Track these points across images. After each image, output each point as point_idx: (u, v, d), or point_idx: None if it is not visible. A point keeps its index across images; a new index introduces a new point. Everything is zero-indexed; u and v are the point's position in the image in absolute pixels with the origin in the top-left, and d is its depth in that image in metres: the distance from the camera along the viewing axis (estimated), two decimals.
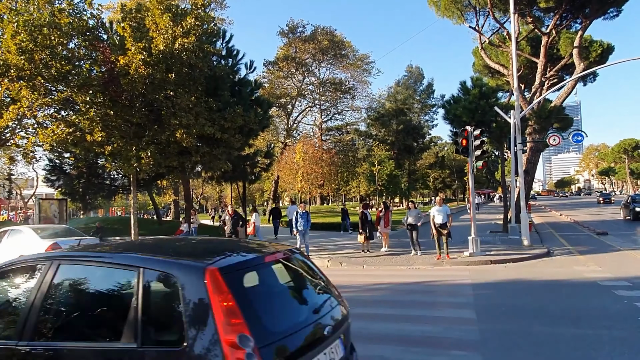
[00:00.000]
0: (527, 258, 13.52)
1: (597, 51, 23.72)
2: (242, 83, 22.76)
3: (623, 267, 11.44)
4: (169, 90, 15.91)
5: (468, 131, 14.58)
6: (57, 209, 22.30)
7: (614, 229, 21.27)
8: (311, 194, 43.91)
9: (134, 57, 14.51)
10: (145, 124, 16.23)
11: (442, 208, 13.73)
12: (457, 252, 14.79)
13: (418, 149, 62.28)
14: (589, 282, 9.73)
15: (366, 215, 15.85)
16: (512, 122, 17.42)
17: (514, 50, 17.69)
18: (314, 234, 20.14)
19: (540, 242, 17.05)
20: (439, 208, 13.73)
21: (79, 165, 22.82)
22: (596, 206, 51.05)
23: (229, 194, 38.77)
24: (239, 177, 25.06)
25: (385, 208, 16.44)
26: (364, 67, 54.00)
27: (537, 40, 24.53)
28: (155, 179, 25.05)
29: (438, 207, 13.80)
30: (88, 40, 14.90)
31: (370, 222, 15.93)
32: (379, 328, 6.74)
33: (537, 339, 5.94)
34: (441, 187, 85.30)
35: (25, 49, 13.53)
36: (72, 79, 14.57)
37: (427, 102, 63.99)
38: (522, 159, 17.50)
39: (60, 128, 14.64)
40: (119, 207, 58.95)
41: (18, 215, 51.06)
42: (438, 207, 13.80)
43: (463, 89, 21.57)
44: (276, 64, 49.40)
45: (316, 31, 49.04)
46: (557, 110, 23.80)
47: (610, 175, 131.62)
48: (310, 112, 56.44)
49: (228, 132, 17.65)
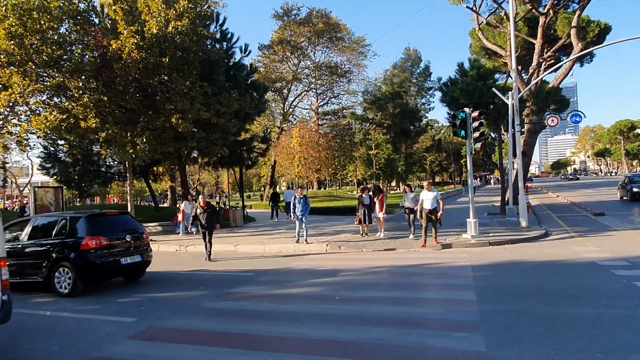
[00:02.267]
0: (525, 239, 13.55)
1: (595, 31, 23.48)
2: (237, 67, 22.49)
3: (621, 247, 11.48)
4: (163, 74, 15.70)
5: (466, 113, 14.47)
6: (53, 197, 22.09)
7: (610, 210, 21.34)
8: (308, 178, 43.84)
9: (126, 41, 14.28)
10: (140, 110, 16.05)
11: (431, 193, 13.03)
12: (455, 234, 14.82)
13: (415, 132, 62.10)
14: (588, 262, 9.75)
15: (363, 199, 15.60)
16: (509, 104, 17.31)
17: (512, 30, 17.49)
18: (312, 218, 20.13)
19: (537, 224, 17.09)
20: (428, 193, 13.05)
21: (74, 152, 22.64)
22: (596, 187, 51.19)
23: (226, 180, 38.66)
24: (235, 163, 24.94)
25: (379, 191, 16.03)
26: (360, 50, 53.60)
27: (534, 21, 24.26)
28: (152, 165, 24.90)
29: (427, 192, 13.12)
30: (79, 24, 14.64)
31: (367, 207, 15.55)
32: (379, 311, 6.74)
33: (537, 318, 5.94)
34: (438, 170, 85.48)
35: (14, 33, 13.29)
36: (64, 65, 14.36)
37: (424, 85, 63.62)
38: (519, 140, 17.44)
39: (53, 114, 14.47)
40: (115, 194, 58.69)
41: (14, 203, 50.80)
42: (427, 192, 13.12)
43: (460, 70, 21.38)
44: (271, 48, 48.91)
45: (311, 14, 48.50)
46: (554, 91, 23.64)
47: (606, 157, 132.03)
48: (306, 97, 56.15)
49: (224, 116, 17.48)
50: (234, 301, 7.92)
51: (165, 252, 15.31)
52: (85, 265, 8.69)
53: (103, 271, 9.11)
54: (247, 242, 15.95)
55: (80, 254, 8.69)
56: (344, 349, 5.22)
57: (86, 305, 8.06)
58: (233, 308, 7.43)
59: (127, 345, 5.65)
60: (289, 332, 5.87)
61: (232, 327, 6.27)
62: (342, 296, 7.77)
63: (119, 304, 8.05)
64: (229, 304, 7.75)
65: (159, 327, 6.43)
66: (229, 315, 6.99)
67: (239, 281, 9.62)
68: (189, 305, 7.68)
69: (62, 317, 7.29)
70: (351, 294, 7.93)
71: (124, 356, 5.28)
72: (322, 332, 5.84)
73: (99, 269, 8.92)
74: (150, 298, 8.44)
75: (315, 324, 6.18)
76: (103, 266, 8.93)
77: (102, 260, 8.88)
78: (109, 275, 9.61)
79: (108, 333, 6.21)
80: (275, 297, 8.17)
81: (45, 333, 6.44)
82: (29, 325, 6.85)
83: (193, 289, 9.14)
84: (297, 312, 7.00)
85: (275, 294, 8.43)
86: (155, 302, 8.11)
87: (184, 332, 6.19)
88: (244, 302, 7.77)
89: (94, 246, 8.76)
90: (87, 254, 8.70)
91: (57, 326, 6.82)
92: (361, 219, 15.50)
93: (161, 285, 9.70)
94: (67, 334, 6.28)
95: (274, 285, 9.19)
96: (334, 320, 6.38)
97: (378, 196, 15.62)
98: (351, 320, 6.32)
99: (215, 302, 7.83)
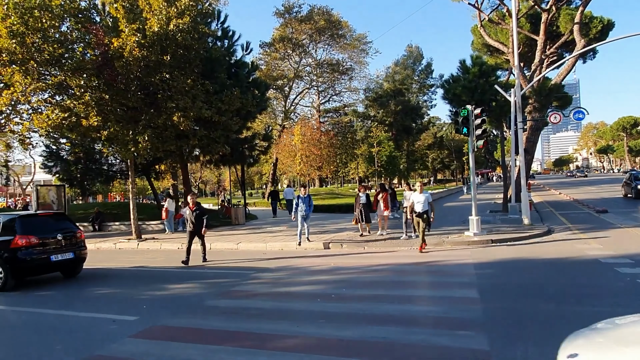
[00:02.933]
0: (528, 237, 13.51)
1: (598, 27, 23.39)
2: (239, 65, 22.43)
3: (624, 244, 11.43)
4: (165, 72, 15.67)
5: (468, 110, 14.41)
6: (55, 195, 22.16)
7: (614, 207, 21.25)
8: (310, 176, 43.79)
9: (128, 39, 14.26)
10: (142, 108, 16.04)
11: (422, 195, 12.30)
12: (457, 232, 14.78)
13: (417, 130, 62.00)
14: (591, 260, 9.71)
15: (360, 197, 15.28)
16: (512, 101, 17.24)
17: (514, 27, 17.41)
18: (314, 216, 20.04)
19: (540, 221, 17.04)
20: (420, 195, 12.31)
21: (76, 150, 22.64)
22: (598, 184, 51.06)
23: (228, 178, 38.64)
24: (237, 161, 24.89)
25: (383, 190, 15.70)
26: (362, 47, 53.38)
27: (536, 17, 24.17)
28: (153, 163, 24.90)
29: (419, 194, 12.36)
30: (80, 22, 14.61)
31: (364, 205, 15.15)
32: (381, 309, 6.71)
33: (540, 317, 5.91)
34: (440, 167, 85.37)
35: (16, 32, 13.27)
36: (65, 63, 14.35)
37: (426, 82, 63.41)
38: (522, 137, 17.37)
39: (55, 113, 14.47)
40: (117, 192, 58.73)
41: (17, 202, 50.90)
42: (419, 194, 12.36)
43: (462, 67, 21.31)
44: (272, 46, 48.78)
45: (312, 11, 48.33)
46: (557, 88, 23.56)
47: (608, 153, 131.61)
48: (307, 94, 56.04)
49: (225, 114, 17.45)
50: (236, 299, 7.91)
51: (168, 250, 15.32)
52: (15, 262, 9.41)
53: (33, 268, 9.75)
54: (249, 239, 15.95)
55: (10, 252, 9.43)
56: (347, 347, 5.20)
57: (87, 304, 8.07)
58: (235, 306, 7.42)
59: (129, 344, 5.65)
60: (291, 331, 5.85)
61: (234, 326, 6.25)
62: (344, 294, 7.75)
63: (120, 302, 8.05)
64: (231, 302, 7.74)
65: (160, 325, 6.43)
66: (230, 314, 6.98)
67: (240, 279, 9.60)
68: (190, 303, 7.67)
69: (63, 315, 7.29)
70: (353, 292, 7.91)
71: (126, 355, 5.27)
72: (324, 330, 5.82)
73: (29, 265, 9.57)
74: (151, 296, 8.44)
75: (317, 323, 6.16)
76: (33, 263, 9.59)
77: (31, 258, 9.55)
78: (39, 272, 10.13)
79: (110, 331, 6.21)
80: (277, 295, 8.15)
81: (46, 331, 6.44)
82: (29, 322, 6.86)
83: (195, 287, 9.14)
84: (299, 310, 6.98)
85: (277, 292, 8.41)
86: (157, 300, 8.10)
87: (185, 330, 6.18)
88: (246, 300, 7.75)
89: (23, 244, 9.50)
90: (17, 252, 9.44)
91: (59, 325, 6.81)
92: (357, 218, 15.28)
93: (162, 282, 9.69)
94: (69, 332, 6.28)
95: (275, 283, 9.17)
96: (337, 318, 6.36)
97: (382, 194, 15.29)
98: (354, 319, 6.29)
99: (217, 300, 7.82)
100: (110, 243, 17.30)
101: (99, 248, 16.72)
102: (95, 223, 22.99)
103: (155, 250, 15.63)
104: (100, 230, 22.87)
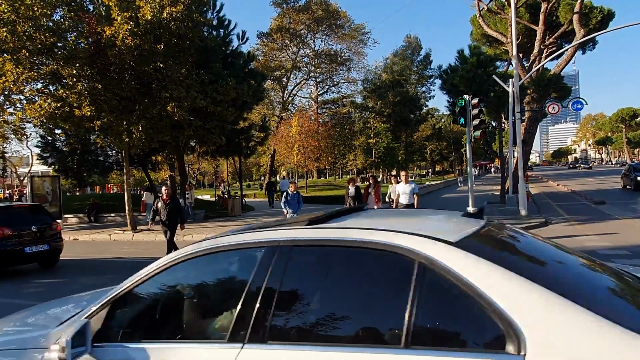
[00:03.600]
0: (524, 228, 13.37)
1: (597, 17, 23.16)
2: (235, 55, 22.21)
3: (622, 236, 11.36)
4: (159, 62, 15.48)
5: (466, 100, 14.27)
6: (50, 186, 22.03)
7: (611, 199, 21.20)
8: (308, 167, 43.70)
9: (120, 28, 14.05)
10: (135, 98, 15.85)
11: (408, 186, 11.71)
12: None
13: (415, 121, 61.73)
14: (588, 251, 9.61)
15: (349, 190, 14.87)
16: (510, 91, 17.09)
17: (513, 16, 17.20)
18: (310, 207, 20.02)
19: (537, 212, 16.98)
20: (405, 186, 11.68)
21: (71, 141, 22.49)
22: (597, 176, 51.06)
23: (225, 169, 38.49)
24: (233, 152, 24.76)
25: (375, 182, 14.83)
26: (360, 37, 52.99)
27: (536, 7, 23.93)
28: (150, 154, 24.74)
29: (404, 184, 11.73)
30: (73, 10, 14.39)
31: (352, 198, 14.57)
32: None
33: None
34: (438, 159, 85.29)
35: (7, 20, 13.06)
36: (57, 52, 14.15)
37: (425, 73, 63.02)
38: (520, 128, 17.25)
39: (48, 103, 14.30)
40: (115, 183, 58.61)
41: (14, 193, 50.81)
42: (404, 184, 11.73)
43: (460, 57, 21.14)
44: (270, 36, 48.40)
45: (310, 1, 47.90)
46: (556, 78, 23.39)
47: (607, 145, 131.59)
48: (305, 85, 55.71)
49: (221, 105, 17.28)
50: None
51: (163, 241, 15.10)
52: None
53: (6, 258, 9.79)
54: None
55: None
56: None
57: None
58: None
59: None
60: None
61: None
62: None
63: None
64: None
65: None
66: None
67: None
68: None
69: None
70: None
71: None
72: None
73: (2, 256, 9.62)
74: None
75: None
76: (6, 254, 9.66)
77: (5, 249, 9.63)
78: (13, 263, 10.16)
79: None
80: None
81: None
82: None
83: None
84: None
85: None
86: None
87: None
88: None
89: None
90: None
91: None
92: None
93: None
94: None
95: None
96: None
97: (374, 187, 14.53)
98: None
99: None
100: (105, 234, 17.19)
101: (94, 239, 16.62)
102: (91, 214, 22.87)
103: (150, 241, 15.53)
104: (96, 221, 22.76)
